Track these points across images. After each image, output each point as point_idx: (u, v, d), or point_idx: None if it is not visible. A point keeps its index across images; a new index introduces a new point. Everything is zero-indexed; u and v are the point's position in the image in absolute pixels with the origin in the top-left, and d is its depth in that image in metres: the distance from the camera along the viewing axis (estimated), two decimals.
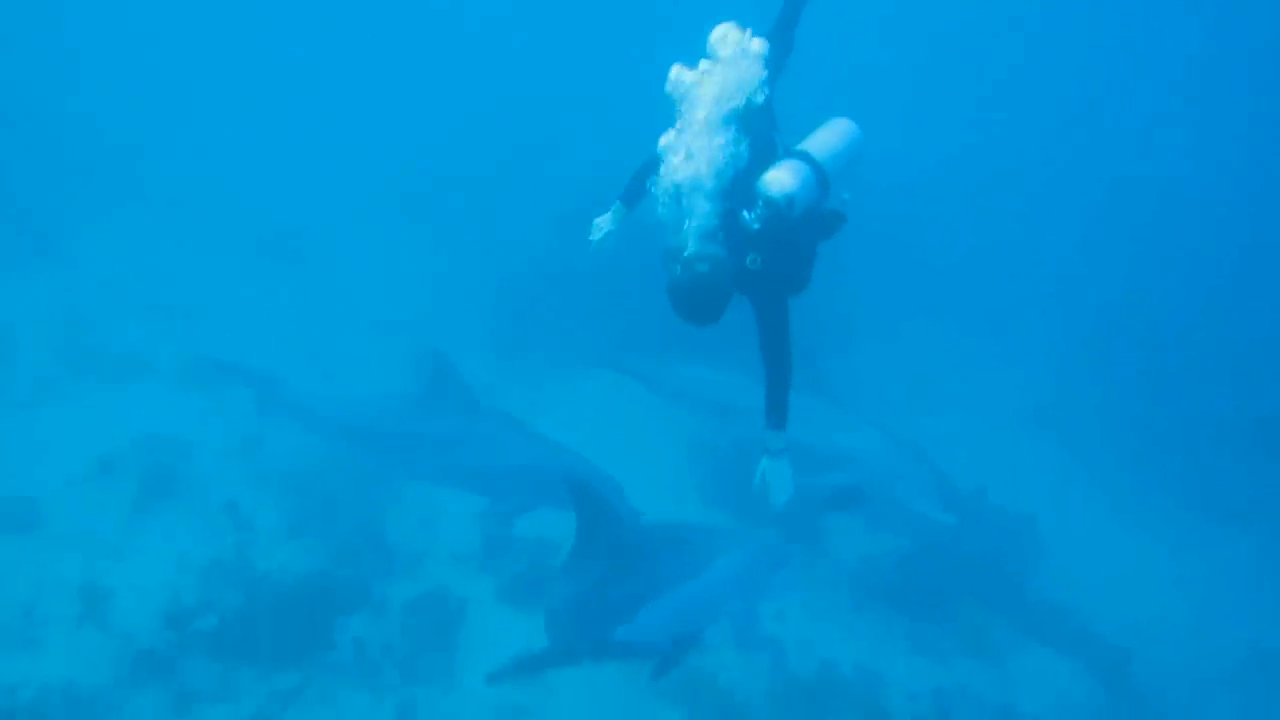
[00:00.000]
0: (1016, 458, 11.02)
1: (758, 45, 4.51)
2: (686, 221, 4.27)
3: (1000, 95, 22.48)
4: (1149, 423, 12.05)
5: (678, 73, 4.42)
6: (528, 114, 17.48)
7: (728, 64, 4.45)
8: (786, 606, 8.43)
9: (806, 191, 4.38)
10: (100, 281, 11.85)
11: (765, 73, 4.53)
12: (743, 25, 4.58)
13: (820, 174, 4.44)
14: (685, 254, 4.18)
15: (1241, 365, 13.62)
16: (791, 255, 4.43)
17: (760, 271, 4.28)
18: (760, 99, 4.52)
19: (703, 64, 4.48)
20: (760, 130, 4.56)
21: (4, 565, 7.14)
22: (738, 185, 4.34)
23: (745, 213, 4.30)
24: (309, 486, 8.93)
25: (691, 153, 4.27)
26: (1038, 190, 19.33)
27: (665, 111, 4.57)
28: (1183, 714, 8.05)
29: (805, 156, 4.47)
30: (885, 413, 10.22)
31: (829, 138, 4.59)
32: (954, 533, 8.09)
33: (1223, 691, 8.40)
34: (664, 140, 4.37)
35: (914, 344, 13.52)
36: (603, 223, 5.44)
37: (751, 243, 4.31)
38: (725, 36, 4.53)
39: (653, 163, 4.60)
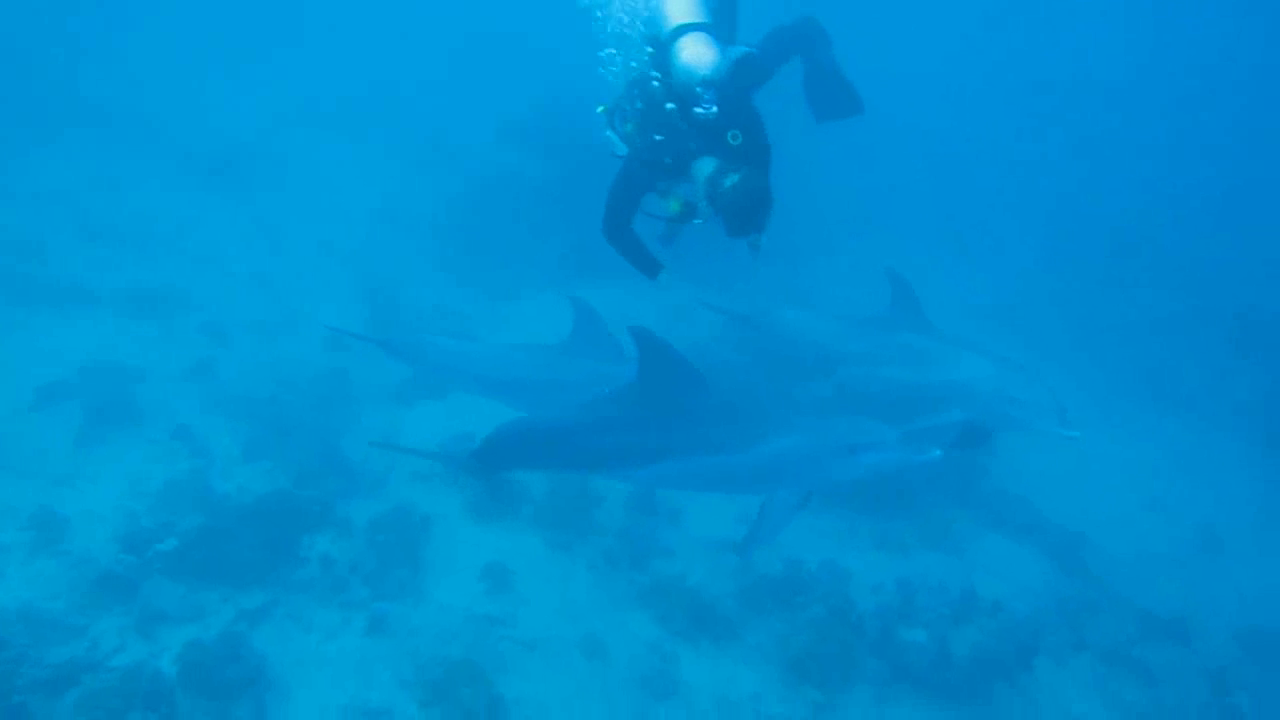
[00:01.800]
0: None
1: None
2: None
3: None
4: (1101, 319, 12.28)
5: None
6: (473, 18, 17.02)
7: None
8: (752, 511, 8.50)
9: (724, 53, 4.76)
10: (41, 208, 11.40)
11: None
12: None
13: (712, 32, 4.79)
14: (714, 181, 4.50)
15: (1186, 263, 13.91)
16: (752, 115, 4.73)
17: (743, 146, 4.60)
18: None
19: None
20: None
21: None
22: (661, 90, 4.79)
23: (696, 109, 4.59)
24: (264, 411, 8.78)
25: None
26: (994, 104, 19.31)
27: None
28: (1134, 593, 8.33)
29: (693, 28, 4.75)
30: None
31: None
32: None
33: (1171, 570, 8.71)
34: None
35: (880, 254, 13.57)
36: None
37: (714, 128, 4.62)
38: None
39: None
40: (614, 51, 5.07)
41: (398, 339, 8.21)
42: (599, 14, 5.14)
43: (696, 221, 4.92)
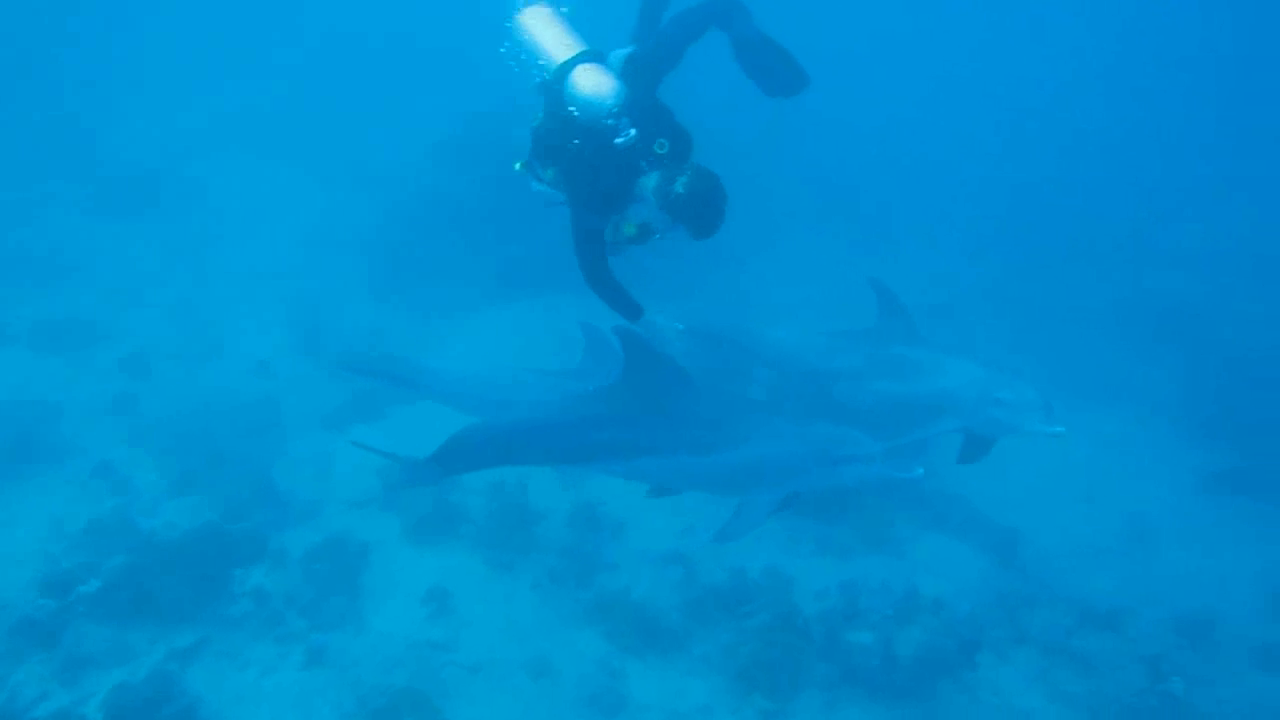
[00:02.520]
0: None
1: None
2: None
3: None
4: (1027, 313, 12.56)
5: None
6: (399, 37, 16.86)
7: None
8: (696, 522, 8.53)
9: (620, 68, 4.82)
10: None
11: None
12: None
13: (596, 57, 4.82)
14: (663, 187, 4.51)
15: (1109, 255, 14.34)
16: (664, 113, 4.76)
17: (670, 154, 4.59)
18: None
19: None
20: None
21: None
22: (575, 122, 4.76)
23: (616, 140, 4.58)
24: (190, 444, 8.51)
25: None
26: (931, 102, 19.55)
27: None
28: (1070, 585, 8.50)
29: (577, 60, 4.77)
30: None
31: (557, 29, 4.94)
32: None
33: (1105, 560, 8.90)
34: None
35: (810, 255, 13.74)
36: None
37: (640, 147, 4.61)
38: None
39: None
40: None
41: (400, 369, 8.04)
42: (514, 66, 5.09)
43: (655, 237, 4.80)
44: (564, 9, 5.10)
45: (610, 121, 4.57)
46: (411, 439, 8.71)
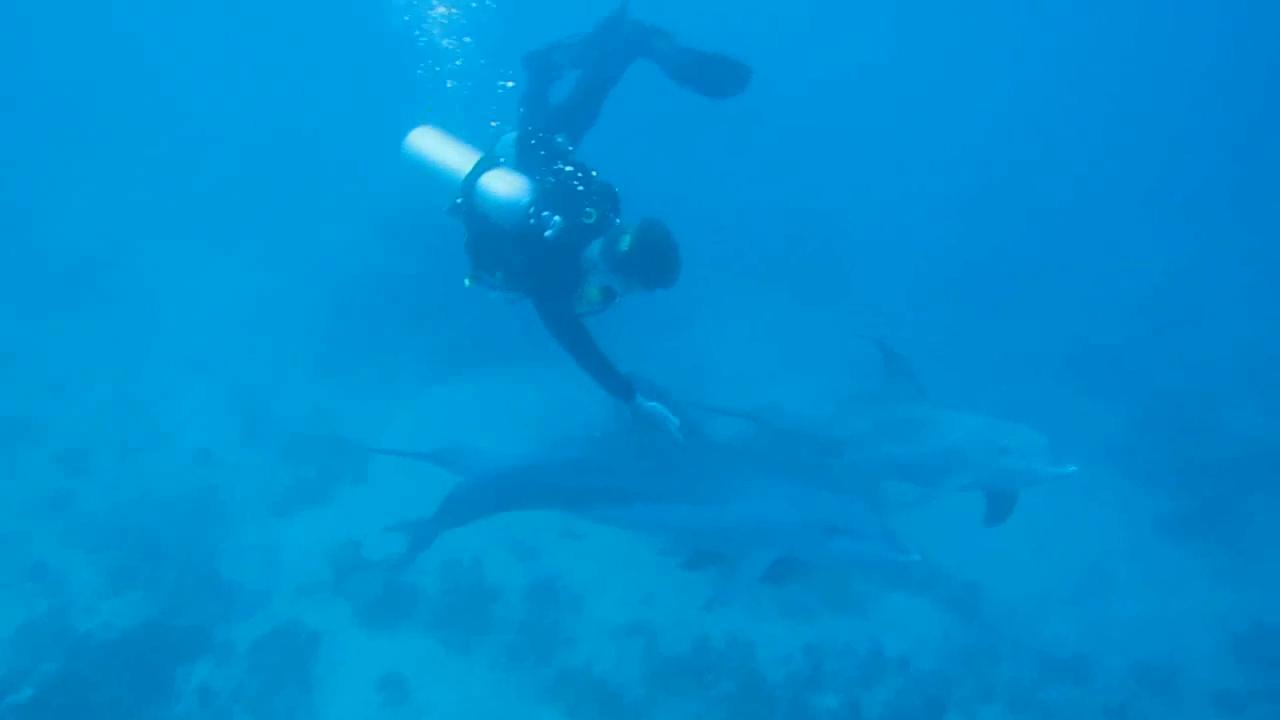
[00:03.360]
0: None
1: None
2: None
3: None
4: (977, 363, 12.71)
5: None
6: (338, 120, 16.94)
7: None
8: (656, 590, 8.41)
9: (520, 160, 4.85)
10: None
11: None
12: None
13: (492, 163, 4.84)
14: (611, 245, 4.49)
15: (1055, 304, 14.60)
16: (583, 178, 4.72)
17: (599, 219, 4.55)
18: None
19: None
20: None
21: None
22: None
23: (545, 233, 4.55)
24: (129, 539, 8.23)
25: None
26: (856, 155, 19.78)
27: None
28: (1032, 636, 8.49)
29: (479, 168, 4.78)
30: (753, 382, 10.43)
31: (447, 145, 4.98)
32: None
33: (1064, 610, 8.92)
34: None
35: (759, 312, 13.85)
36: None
37: (569, 229, 4.57)
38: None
39: None
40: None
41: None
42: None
43: (619, 300, 4.73)
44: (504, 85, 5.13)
45: (532, 222, 4.57)
46: (360, 521, 8.68)
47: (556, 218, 4.53)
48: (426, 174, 4.97)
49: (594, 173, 4.71)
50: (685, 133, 14.99)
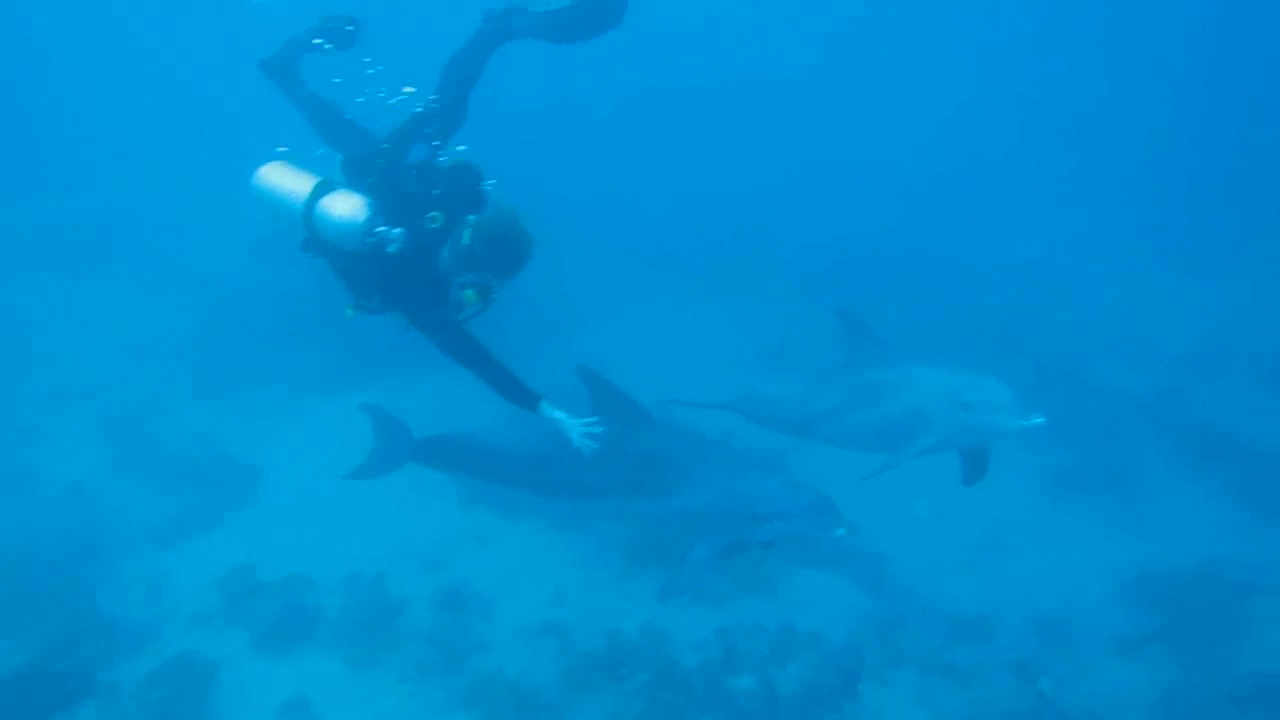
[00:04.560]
0: None
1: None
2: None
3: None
4: (892, 337, 12.91)
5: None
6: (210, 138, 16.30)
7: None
8: (567, 588, 8.30)
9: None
10: None
11: None
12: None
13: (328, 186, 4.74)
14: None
15: (946, 270, 14.98)
16: (432, 178, 4.67)
17: (448, 211, 4.46)
18: None
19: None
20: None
21: None
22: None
23: (389, 250, 4.49)
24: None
25: None
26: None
27: None
28: (937, 600, 8.69)
29: (315, 194, 4.68)
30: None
31: (288, 177, 4.87)
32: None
33: (966, 572, 9.16)
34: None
35: (651, 309, 13.86)
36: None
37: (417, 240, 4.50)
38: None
39: None
40: None
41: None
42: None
43: (495, 296, 4.60)
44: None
45: (371, 240, 4.46)
46: (253, 545, 8.33)
47: (396, 230, 4.43)
48: (274, 210, 4.83)
49: (455, 165, 4.65)
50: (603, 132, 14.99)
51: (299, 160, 4.95)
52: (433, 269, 4.52)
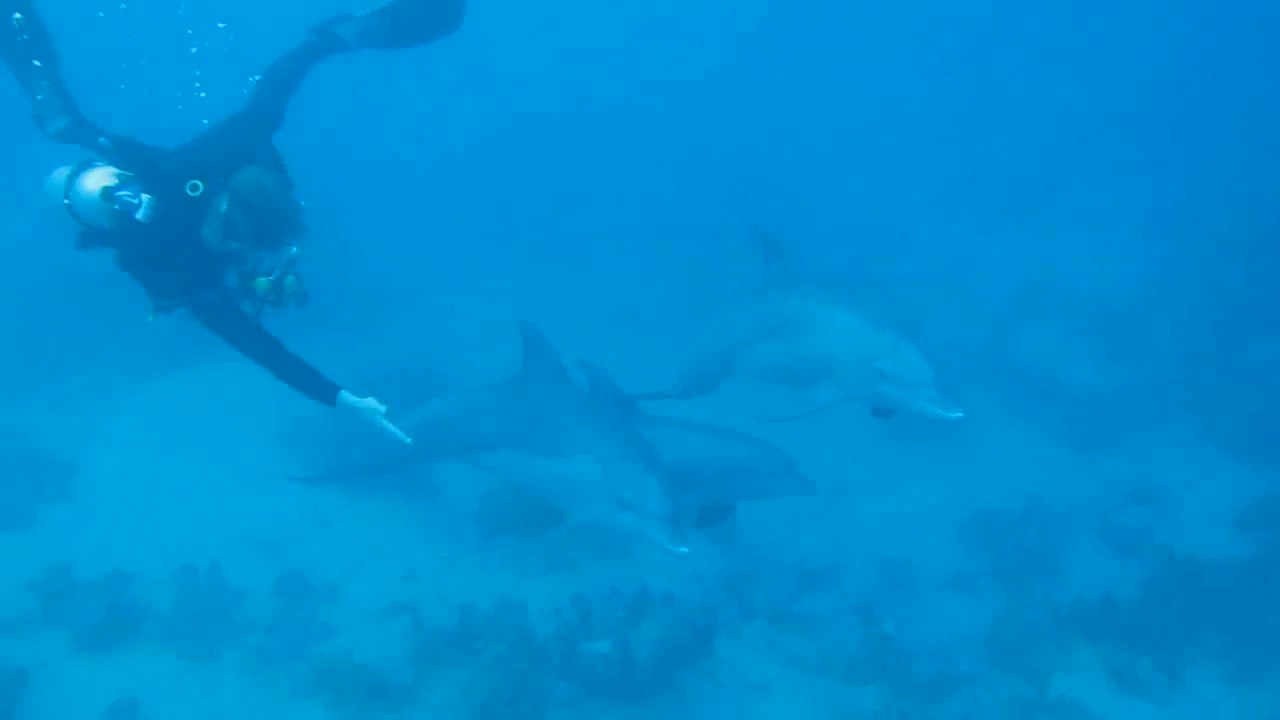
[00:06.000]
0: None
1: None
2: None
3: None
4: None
5: None
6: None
7: None
8: (418, 565, 8.10)
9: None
10: None
11: None
12: None
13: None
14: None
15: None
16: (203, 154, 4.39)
17: (207, 190, 4.18)
18: None
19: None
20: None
21: None
22: None
23: (136, 217, 4.21)
24: None
25: None
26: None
27: None
28: (786, 554, 8.94)
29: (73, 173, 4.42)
30: None
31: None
32: None
33: (813, 524, 9.43)
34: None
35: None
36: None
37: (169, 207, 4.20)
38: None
39: None
40: None
41: None
42: None
43: (290, 280, 4.28)
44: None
45: (116, 207, 4.16)
46: (70, 542, 7.75)
47: (145, 196, 4.13)
48: (50, 209, 4.46)
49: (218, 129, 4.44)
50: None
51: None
52: (198, 244, 4.19)
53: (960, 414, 6.53)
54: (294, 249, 4.27)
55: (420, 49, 5.33)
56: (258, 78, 4.78)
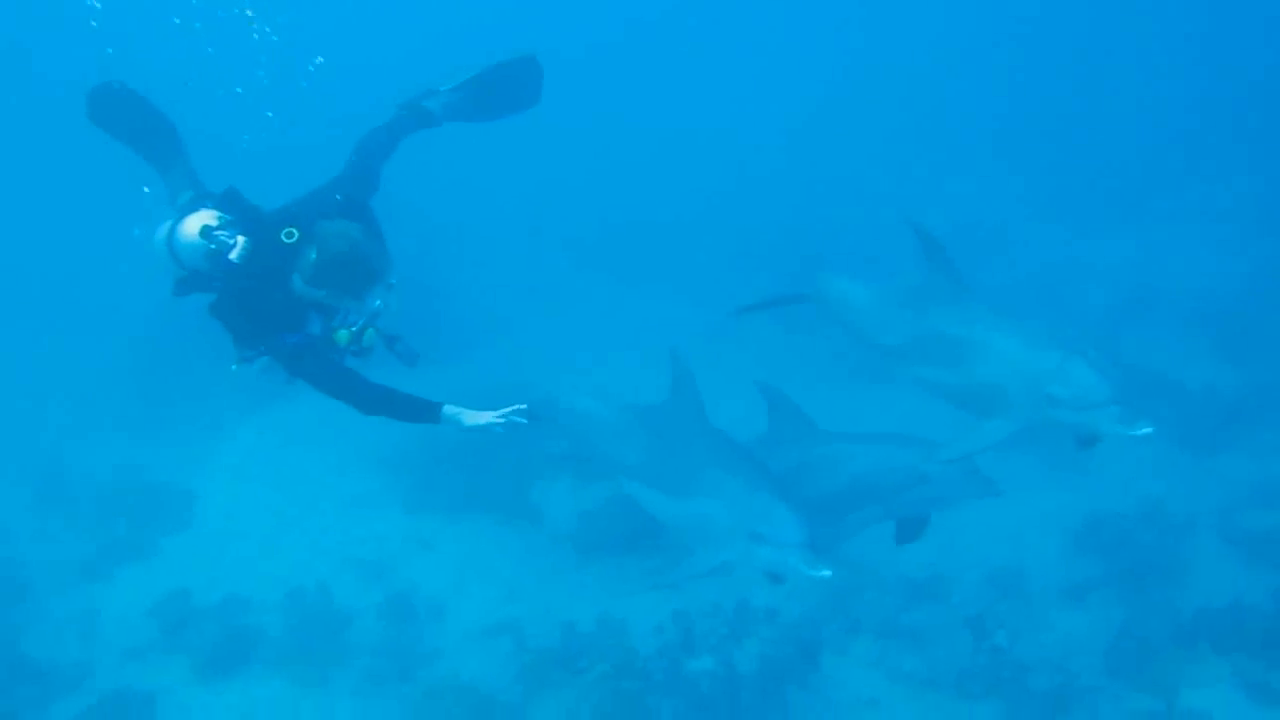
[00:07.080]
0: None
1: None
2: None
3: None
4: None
5: None
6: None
7: None
8: (519, 585, 8.15)
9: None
10: None
11: None
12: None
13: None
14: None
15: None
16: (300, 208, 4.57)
17: (302, 237, 4.28)
18: None
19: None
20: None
21: None
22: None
23: (230, 259, 4.33)
24: None
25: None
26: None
27: None
28: (889, 565, 8.70)
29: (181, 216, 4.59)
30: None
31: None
32: None
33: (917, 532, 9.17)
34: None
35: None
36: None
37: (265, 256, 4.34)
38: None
39: None
40: None
41: None
42: None
43: (370, 340, 4.43)
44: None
45: (213, 246, 4.28)
46: (187, 570, 8.05)
47: (241, 237, 4.24)
48: (154, 258, 4.68)
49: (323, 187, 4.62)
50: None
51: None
52: (287, 289, 4.29)
53: (1150, 429, 5.66)
54: (378, 302, 4.37)
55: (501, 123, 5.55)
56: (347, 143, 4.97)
